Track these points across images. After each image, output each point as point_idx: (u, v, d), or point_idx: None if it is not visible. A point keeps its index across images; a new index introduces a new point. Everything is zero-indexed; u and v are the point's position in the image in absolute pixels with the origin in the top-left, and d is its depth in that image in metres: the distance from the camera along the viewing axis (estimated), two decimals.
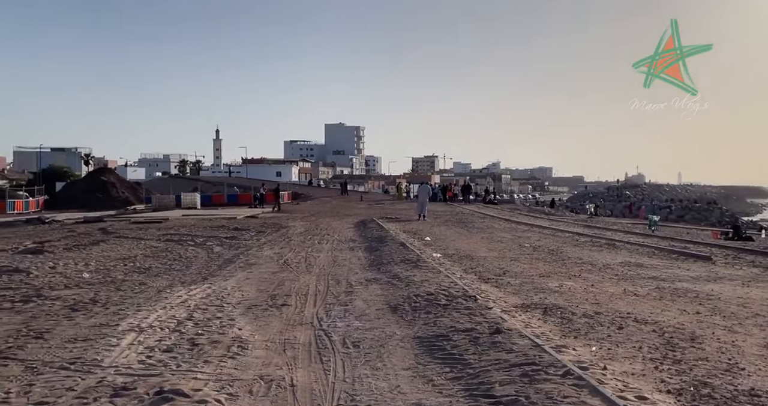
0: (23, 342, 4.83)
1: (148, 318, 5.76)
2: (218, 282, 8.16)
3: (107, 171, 44.68)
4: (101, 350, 4.62)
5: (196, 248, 12.67)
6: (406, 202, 37.13)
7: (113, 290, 7.52)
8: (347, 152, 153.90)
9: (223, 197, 38.53)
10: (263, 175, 70.96)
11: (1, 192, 36.45)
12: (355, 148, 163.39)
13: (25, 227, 19.92)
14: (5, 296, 6.93)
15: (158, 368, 4.16)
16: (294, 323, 5.70)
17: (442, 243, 13.65)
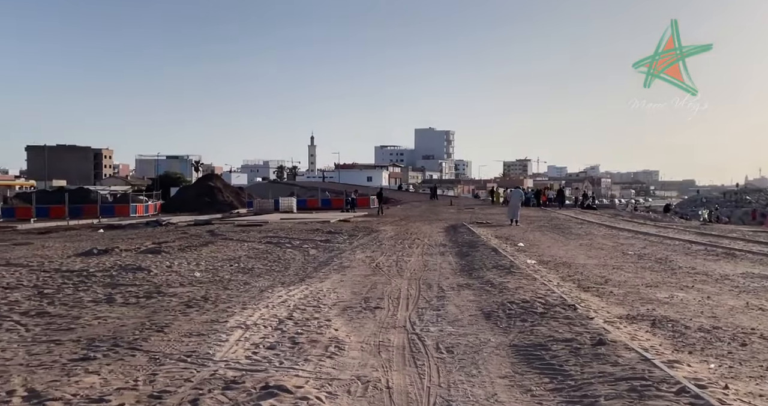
0: (147, 335, 5.32)
1: (252, 316, 6.12)
2: (315, 284, 8.47)
3: (214, 177, 48.06)
4: (213, 344, 4.97)
5: (293, 250, 13.25)
6: (499, 207, 36.33)
7: (221, 288, 8.06)
8: (437, 157, 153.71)
9: (317, 202, 39.97)
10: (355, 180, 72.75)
11: (125, 197, 40.53)
12: (444, 153, 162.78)
13: (145, 228, 21.94)
14: (131, 292, 7.68)
15: (263, 364, 4.40)
16: (387, 326, 5.78)
17: (537, 249, 13.19)
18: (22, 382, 3.94)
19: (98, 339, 5.14)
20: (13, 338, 5.18)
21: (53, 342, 5.04)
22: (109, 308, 6.62)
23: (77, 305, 6.79)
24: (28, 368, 4.28)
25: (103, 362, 4.43)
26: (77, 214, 30.59)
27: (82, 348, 4.85)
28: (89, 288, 7.98)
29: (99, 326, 5.73)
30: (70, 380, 3.99)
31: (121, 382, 3.97)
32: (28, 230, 22.77)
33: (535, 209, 32.83)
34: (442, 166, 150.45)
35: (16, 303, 6.85)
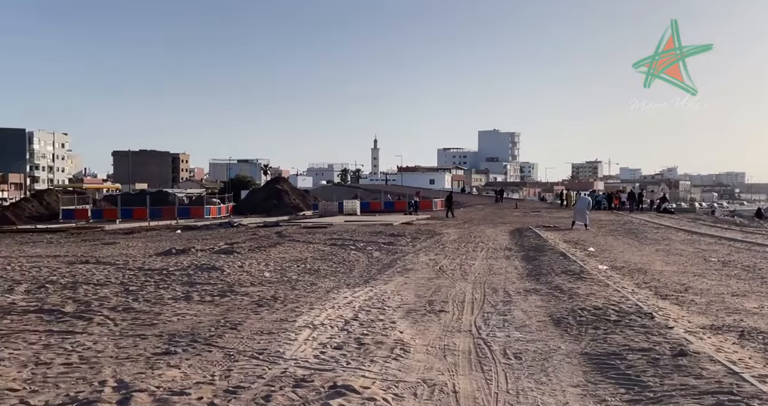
0: (222, 332, 5.57)
1: (319, 316, 6.27)
2: (379, 286, 8.55)
3: (282, 180, 49.61)
4: (282, 343, 5.14)
5: (357, 252, 13.43)
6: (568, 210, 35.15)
7: (289, 288, 8.31)
8: (501, 159, 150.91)
9: (380, 204, 40.30)
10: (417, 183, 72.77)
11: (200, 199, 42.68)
12: (509, 155, 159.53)
13: (218, 229, 22.99)
14: (207, 290, 8.07)
15: (331, 364, 4.50)
16: (452, 329, 5.74)
17: (609, 254, 12.64)
18: (112, 373, 4.24)
19: (178, 335, 5.44)
20: (104, 332, 5.58)
21: (138, 336, 5.39)
22: (187, 306, 6.99)
23: (158, 302, 7.22)
24: (117, 360, 4.60)
25: (182, 357, 4.69)
26: (157, 215, 32.54)
27: (164, 343, 5.15)
28: (169, 286, 8.45)
29: (178, 322, 6.06)
30: (153, 372, 4.26)
31: (200, 376, 4.18)
32: (114, 230, 24.47)
33: (607, 213, 31.45)
34: (507, 169, 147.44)
35: (105, 299, 7.38)
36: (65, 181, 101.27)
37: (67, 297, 7.45)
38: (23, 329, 5.67)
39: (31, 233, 23.41)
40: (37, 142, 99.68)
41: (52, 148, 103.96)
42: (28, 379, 4.09)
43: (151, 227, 26.03)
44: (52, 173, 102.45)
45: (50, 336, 5.37)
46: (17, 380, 4.06)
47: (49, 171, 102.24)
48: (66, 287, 8.31)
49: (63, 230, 24.48)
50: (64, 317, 6.24)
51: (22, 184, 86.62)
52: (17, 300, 7.24)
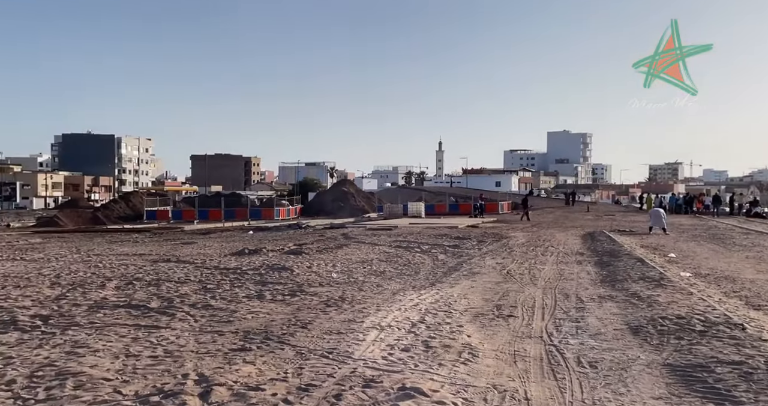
0: (293, 330, 5.75)
1: (386, 318, 6.32)
2: (445, 289, 8.50)
3: (348, 182, 50.48)
4: (351, 343, 5.23)
5: (422, 254, 13.41)
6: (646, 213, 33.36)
7: (356, 290, 8.43)
8: (572, 161, 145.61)
9: (445, 207, 40.00)
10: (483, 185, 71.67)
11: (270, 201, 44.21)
12: (580, 156, 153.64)
13: (287, 231, 23.71)
14: (278, 290, 8.35)
15: (399, 366, 4.53)
16: (522, 335, 5.61)
17: (692, 261, 11.88)
18: (193, 367, 4.49)
19: (252, 332, 5.67)
20: (185, 327, 5.92)
21: (216, 333, 5.67)
22: (260, 304, 7.26)
23: (234, 299, 7.55)
24: (198, 355, 4.86)
25: (257, 354, 4.88)
26: (231, 217, 34.00)
27: (240, 340, 5.39)
28: (243, 285, 8.82)
29: (252, 320, 6.31)
30: (231, 368, 4.46)
31: (273, 373, 4.34)
32: (192, 230, 25.84)
33: (688, 217, 29.55)
34: (578, 171, 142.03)
35: (185, 296, 7.81)
36: (149, 183, 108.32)
37: (151, 294, 7.95)
38: (114, 322, 6.11)
39: (118, 232, 25.17)
40: (125, 147, 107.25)
41: (138, 153, 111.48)
42: (120, 370, 4.40)
43: (225, 227, 27.26)
44: (137, 176, 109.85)
45: (138, 330, 5.75)
46: (110, 370, 4.38)
47: (135, 174, 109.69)
48: (150, 284, 8.88)
49: (147, 229, 26.14)
50: (150, 312, 6.67)
51: (111, 187, 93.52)
52: (108, 295, 7.81)
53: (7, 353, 4.85)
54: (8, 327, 5.81)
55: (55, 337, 5.42)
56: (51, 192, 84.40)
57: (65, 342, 5.22)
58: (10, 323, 5.98)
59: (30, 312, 6.57)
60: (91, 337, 5.42)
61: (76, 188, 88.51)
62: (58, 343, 5.19)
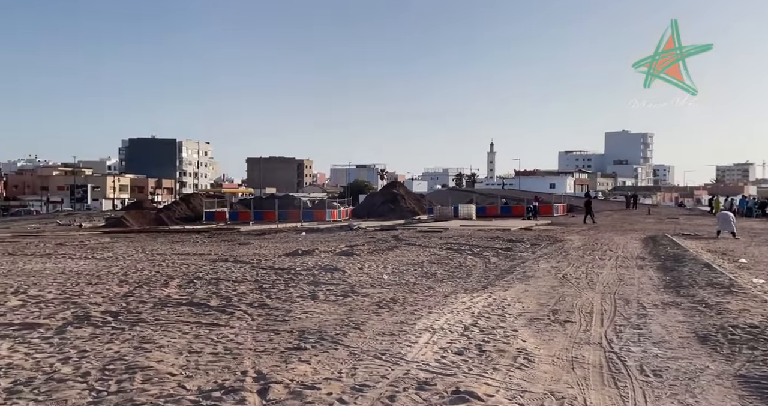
0: (346, 331, 5.83)
1: (438, 320, 6.29)
2: (498, 292, 8.37)
3: (398, 185, 50.56)
4: (403, 345, 5.24)
5: (474, 257, 13.26)
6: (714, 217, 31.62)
7: (408, 292, 8.44)
8: (631, 162, 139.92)
9: (496, 209, 39.40)
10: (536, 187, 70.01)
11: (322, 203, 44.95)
12: (641, 157, 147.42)
13: (338, 232, 24.04)
14: (331, 290, 8.48)
15: (452, 369, 4.50)
16: (580, 341, 5.45)
17: (765, 267, 11.16)
18: (251, 364, 4.63)
19: (307, 332, 5.79)
20: (243, 326, 6.11)
21: (272, 331, 5.82)
22: (314, 304, 7.39)
23: (288, 299, 7.72)
24: (255, 353, 5.00)
25: (312, 353, 4.98)
26: (284, 218, 34.82)
27: (295, 339, 5.51)
28: (297, 285, 9.01)
29: (306, 319, 6.44)
30: (287, 366, 4.57)
31: (328, 372, 4.41)
32: (248, 231, 26.64)
33: (760, 221, 27.76)
34: (638, 172, 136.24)
35: (242, 295, 8.07)
36: (207, 186, 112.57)
37: (211, 292, 8.26)
38: (177, 319, 6.39)
39: (180, 233, 26.30)
40: (185, 150, 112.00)
41: (197, 156, 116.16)
42: (183, 365, 4.60)
43: (279, 228, 27.94)
44: (196, 179, 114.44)
45: (199, 327, 5.99)
46: (175, 365, 4.59)
47: (194, 177, 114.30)
48: (210, 283, 9.22)
49: (206, 230, 27.17)
50: (210, 310, 6.93)
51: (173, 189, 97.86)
52: (172, 294, 8.18)
53: (81, 346, 5.17)
54: (82, 322, 6.19)
55: (124, 332, 5.73)
56: (118, 194, 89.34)
57: (133, 337, 5.51)
58: (83, 318, 6.37)
59: (101, 308, 6.98)
60: (157, 333, 5.70)
61: (141, 190, 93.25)
62: (127, 338, 5.49)
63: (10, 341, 5.34)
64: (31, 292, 8.27)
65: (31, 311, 6.81)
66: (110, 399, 3.79)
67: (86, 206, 76.38)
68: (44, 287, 8.82)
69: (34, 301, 7.53)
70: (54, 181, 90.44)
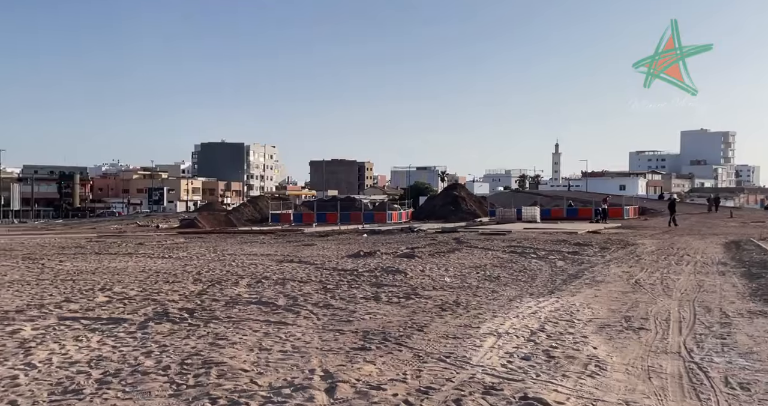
0: (410, 333, 5.84)
1: (503, 325, 6.18)
2: (565, 297, 8.12)
3: (458, 186, 50.10)
4: (468, 348, 5.18)
5: (538, 260, 12.92)
6: None
7: (470, 295, 8.35)
8: (710, 162, 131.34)
9: (562, 211, 38.19)
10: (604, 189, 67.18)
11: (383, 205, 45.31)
12: (721, 157, 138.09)
13: (399, 234, 24.12)
14: (393, 292, 8.53)
15: (519, 374, 4.40)
16: (657, 350, 5.18)
17: None
18: (318, 363, 4.74)
19: (371, 332, 5.85)
20: (309, 325, 6.26)
21: (337, 331, 5.93)
22: (377, 305, 7.47)
23: (352, 300, 7.84)
24: (322, 352, 5.12)
25: (377, 354, 5.03)
26: (346, 220, 35.40)
27: (360, 339, 5.58)
28: (359, 286, 9.13)
29: (370, 320, 6.51)
30: (353, 366, 4.64)
31: (393, 373, 4.44)
32: (311, 233, 27.28)
33: None
34: (718, 173, 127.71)
35: (308, 295, 8.27)
36: (272, 188, 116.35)
37: (278, 292, 8.53)
38: (248, 317, 6.65)
39: (247, 234, 27.32)
40: (252, 154, 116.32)
41: (263, 160, 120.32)
42: (255, 362, 4.78)
43: (341, 230, 28.39)
44: (263, 181, 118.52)
45: (268, 326, 6.20)
46: (247, 362, 4.77)
47: (261, 179, 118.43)
48: (277, 282, 9.52)
49: (272, 231, 28.07)
50: (278, 309, 7.16)
51: (241, 191, 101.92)
52: (242, 293, 8.51)
53: (162, 341, 5.49)
54: (162, 318, 6.57)
55: (199, 329, 6.02)
56: (191, 196, 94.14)
57: (208, 334, 5.78)
58: (163, 315, 6.76)
59: (178, 305, 7.37)
60: (229, 330, 5.95)
61: (212, 193, 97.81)
62: (202, 334, 5.77)
63: (99, 335, 5.76)
64: (115, 289, 8.87)
65: (116, 307, 7.31)
66: (189, 392, 4.00)
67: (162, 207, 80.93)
68: (127, 284, 9.44)
69: (118, 297, 8.07)
70: (134, 185, 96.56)
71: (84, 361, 4.80)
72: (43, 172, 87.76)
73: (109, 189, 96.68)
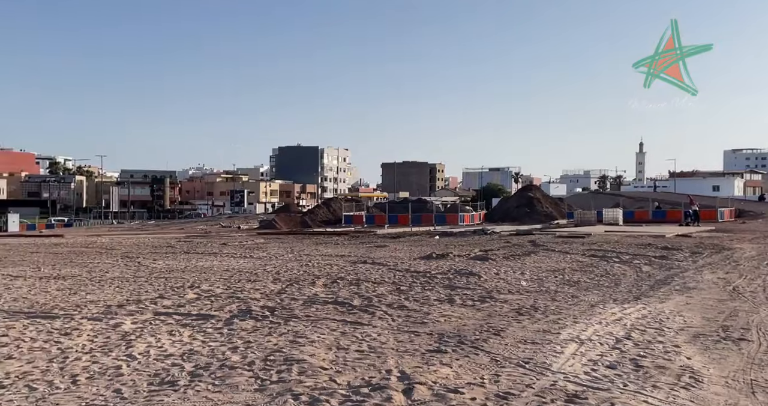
0: (486, 336, 5.74)
1: (585, 331, 5.93)
2: (653, 303, 7.66)
3: (533, 188, 48.59)
4: (548, 354, 5.02)
5: (622, 265, 12.29)
6: None
7: (549, 299, 8.08)
8: None
9: (647, 213, 36.03)
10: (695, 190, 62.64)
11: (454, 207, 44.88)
12: None
13: (472, 236, 23.80)
14: (467, 295, 8.43)
15: (604, 383, 4.20)
16: (761, 363, 4.76)
17: None
18: (395, 364, 4.77)
19: (446, 335, 5.81)
20: (384, 326, 6.32)
21: (412, 333, 5.94)
22: (451, 308, 7.41)
23: (426, 302, 7.83)
24: (398, 353, 5.15)
25: (453, 357, 4.99)
26: (417, 222, 35.36)
27: (435, 341, 5.56)
28: (433, 288, 9.10)
29: (445, 323, 6.47)
30: (429, 368, 4.64)
31: (470, 377, 4.38)
32: (383, 234, 27.53)
33: None
34: None
35: (382, 296, 8.36)
36: (345, 190, 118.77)
37: (353, 292, 8.68)
38: (325, 317, 6.82)
39: (322, 235, 28.04)
40: (326, 157, 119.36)
41: (336, 162, 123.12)
42: (333, 360, 4.90)
43: (413, 232, 28.43)
44: (336, 184, 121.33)
45: (345, 325, 6.33)
46: (325, 360, 4.90)
47: (334, 182, 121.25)
48: (352, 283, 9.70)
49: (345, 233, 28.62)
50: (353, 309, 7.29)
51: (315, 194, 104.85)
52: (318, 292, 8.75)
53: (246, 338, 5.76)
54: (246, 316, 6.89)
55: (280, 326, 6.26)
56: (269, 198, 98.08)
57: (288, 332, 5.99)
58: (246, 312, 7.09)
59: (260, 304, 7.70)
60: (308, 329, 6.13)
61: (288, 195, 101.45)
62: (283, 332, 5.98)
63: (190, 330, 6.14)
64: (203, 286, 9.42)
65: (204, 304, 7.76)
66: (273, 388, 4.17)
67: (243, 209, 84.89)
68: (213, 282, 9.98)
69: (206, 294, 8.56)
70: (217, 187, 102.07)
71: (177, 354, 5.13)
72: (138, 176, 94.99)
73: (195, 192, 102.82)
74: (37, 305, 7.75)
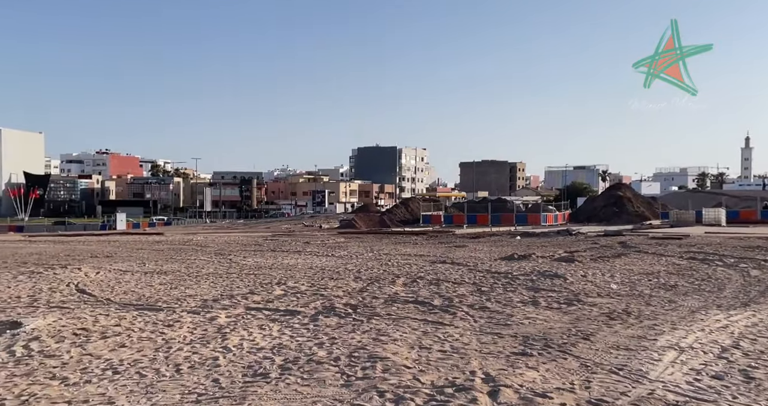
0: (574, 341, 5.51)
1: (686, 338, 5.53)
2: (764, 310, 7.00)
3: (623, 186, 45.99)
4: (644, 361, 4.73)
5: (726, 268, 11.33)
6: None
7: (642, 304, 7.61)
8: None
9: (755, 213, 32.97)
10: None
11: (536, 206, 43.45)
12: None
13: (556, 237, 22.93)
14: (552, 297, 8.13)
15: (710, 394, 3.90)
16: None
17: None
18: (478, 365, 4.70)
19: (531, 338, 5.64)
20: (466, 327, 6.25)
21: (496, 335, 5.83)
22: (535, 310, 7.18)
23: (508, 304, 7.65)
24: (481, 354, 5.07)
25: (539, 360, 4.83)
26: (497, 222, 34.63)
27: (519, 344, 5.42)
28: (515, 290, 8.87)
29: (529, 325, 6.29)
30: (514, 371, 4.52)
31: (558, 382, 4.22)
32: (462, 234, 27.23)
33: None
34: None
35: (462, 296, 8.27)
36: (423, 190, 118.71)
37: (433, 292, 8.66)
38: (406, 316, 6.86)
39: (400, 234, 28.21)
40: (404, 157, 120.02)
41: (414, 162, 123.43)
42: (416, 359, 4.91)
43: (492, 232, 27.88)
44: (413, 183, 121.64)
45: (426, 325, 6.32)
46: (408, 359, 4.92)
47: (412, 181, 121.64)
48: (431, 283, 9.67)
49: (423, 232, 28.60)
50: (434, 309, 7.27)
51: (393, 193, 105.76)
52: (399, 291, 8.81)
53: (331, 334, 5.92)
54: (329, 312, 7.09)
55: (363, 324, 6.37)
56: (349, 198, 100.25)
57: (371, 329, 6.09)
58: (330, 309, 7.28)
59: (342, 301, 7.89)
60: (390, 327, 6.20)
61: (366, 195, 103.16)
62: (366, 329, 6.09)
63: (278, 325, 6.41)
64: (289, 283, 9.80)
65: (291, 300, 8.07)
66: (358, 384, 4.25)
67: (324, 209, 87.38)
68: (298, 279, 10.36)
69: (292, 291, 8.90)
70: (300, 188, 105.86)
71: (268, 348, 5.38)
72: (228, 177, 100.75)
73: (279, 192, 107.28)
74: (143, 298, 8.42)
